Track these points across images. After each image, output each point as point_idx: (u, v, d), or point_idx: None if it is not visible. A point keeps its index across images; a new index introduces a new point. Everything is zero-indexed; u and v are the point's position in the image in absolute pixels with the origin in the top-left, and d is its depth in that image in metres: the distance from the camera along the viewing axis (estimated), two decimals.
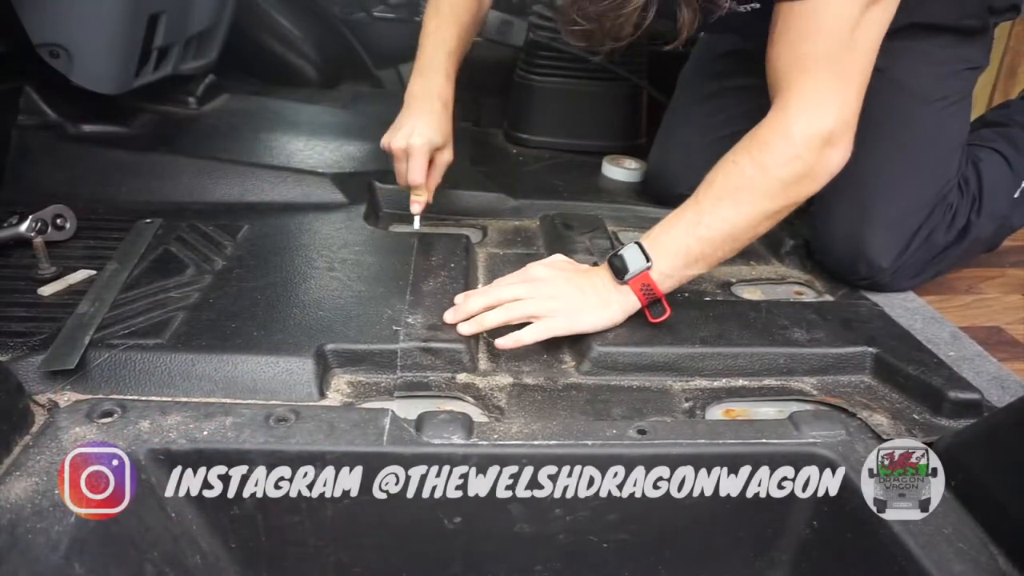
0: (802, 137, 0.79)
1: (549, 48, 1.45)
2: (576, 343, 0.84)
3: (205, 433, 0.66)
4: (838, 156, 0.81)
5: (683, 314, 0.88)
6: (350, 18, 2.10)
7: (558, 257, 0.91)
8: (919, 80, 1.05)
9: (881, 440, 0.70)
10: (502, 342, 0.81)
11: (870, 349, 0.83)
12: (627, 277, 0.81)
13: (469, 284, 0.96)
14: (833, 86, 0.79)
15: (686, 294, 1.00)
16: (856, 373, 0.83)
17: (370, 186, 1.22)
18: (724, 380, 0.81)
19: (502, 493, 0.68)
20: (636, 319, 0.85)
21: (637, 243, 0.83)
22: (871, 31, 0.80)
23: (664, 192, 1.27)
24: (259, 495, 0.66)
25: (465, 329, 0.81)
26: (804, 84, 0.80)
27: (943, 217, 1.07)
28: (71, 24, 1.10)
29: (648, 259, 0.81)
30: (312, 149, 1.38)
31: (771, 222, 0.83)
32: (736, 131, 1.06)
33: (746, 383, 0.81)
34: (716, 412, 0.77)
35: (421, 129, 0.99)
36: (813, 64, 0.79)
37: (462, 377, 0.78)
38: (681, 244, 0.82)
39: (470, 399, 0.75)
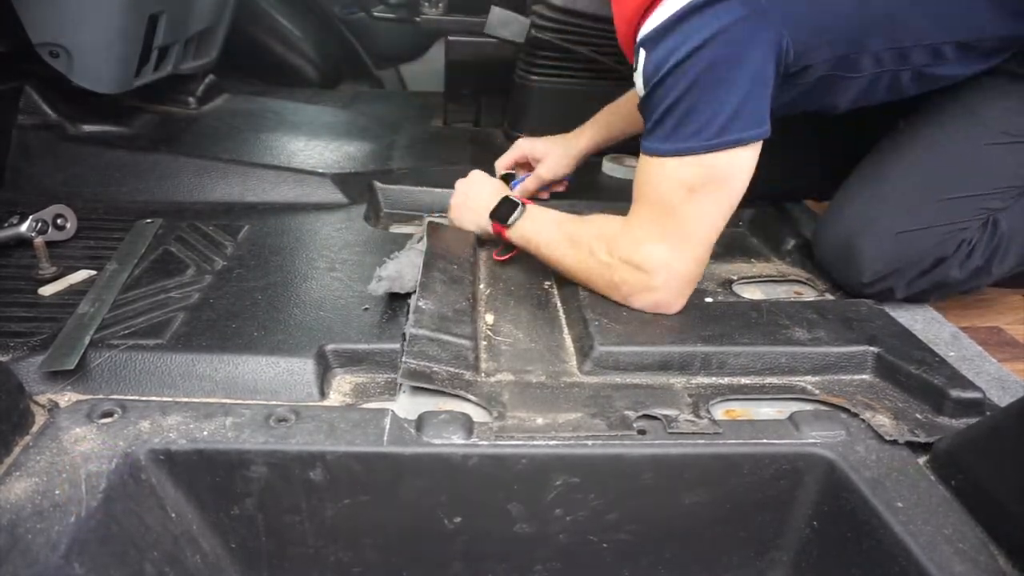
0: (615, 252, 0.88)
1: (550, 47, 1.45)
2: (578, 342, 0.84)
3: (205, 433, 0.66)
4: (648, 297, 0.88)
5: (684, 313, 0.88)
6: (350, 18, 2.10)
7: (475, 175, 1.11)
8: (984, 106, 0.98)
9: (882, 440, 0.70)
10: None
11: (871, 348, 0.83)
12: (492, 218, 1.01)
13: (475, 278, 0.97)
14: (658, 234, 0.86)
15: None
16: (858, 372, 0.83)
17: (370, 186, 1.23)
18: (726, 379, 0.81)
19: (502, 493, 0.68)
20: (639, 317, 0.86)
21: (527, 204, 0.99)
22: (701, 211, 0.85)
23: None
24: (259, 495, 0.66)
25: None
26: (639, 214, 0.88)
27: (956, 252, 0.98)
28: (71, 24, 1.10)
29: (511, 220, 0.98)
30: (312, 149, 1.38)
31: (588, 282, 0.93)
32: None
33: (748, 381, 0.81)
34: (717, 412, 0.77)
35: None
36: (646, 205, 0.88)
37: (467, 375, 0.78)
38: (535, 235, 0.97)
39: (472, 397, 0.74)
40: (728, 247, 1.16)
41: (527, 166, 1.25)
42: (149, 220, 1.06)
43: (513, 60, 1.54)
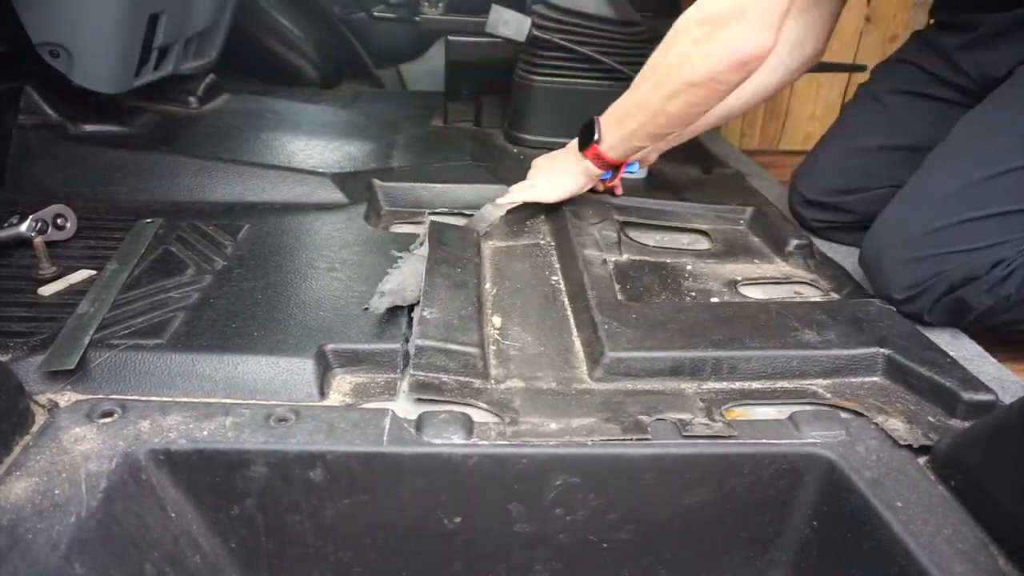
0: (684, 20, 0.89)
1: (551, 46, 1.45)
2: (588, 346, 0.84)
3: (205, 433, 0.66)
4: (729, 35, 0.84)
5: (693, 316, 0.87)
6: (350, 18, 2.10)
7: (555, 152, 1.15)
8: None
9: (893, 442, 0.70)
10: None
11: (882, 350, 0.81)
12: (583, 149, 1.05)
13: (480, 279, 0.96)
14: None
15: (693, 294, 1.00)
16: (868, 374, 0.81)
17: (370, 186, 1.22)
18: (738, 383, 0.80)
19: (502, 493, 0.68)
20: (651, 323, 0.85)
21: (596, 118, 1.03)
22: None
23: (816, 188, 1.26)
24: (259, 495, 0.66)
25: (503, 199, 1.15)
26: None
27: (989, 273, 0.90)
28: (71, 24, 1.10)
29: (597, 133, 1.02)
30: (312, 149, 1.38)
31: (680, 101, 0.91)
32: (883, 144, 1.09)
33: (759, 386, 0.80)
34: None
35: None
36: None
37: (476, 383, 0.77)
38: (617, 120, 1.01)
39: (483, 405, 0.73)
40: (731, 247, 1.16)
41: None
42: (149, 220, 1.06)
43: (513, 60, 1.54)
